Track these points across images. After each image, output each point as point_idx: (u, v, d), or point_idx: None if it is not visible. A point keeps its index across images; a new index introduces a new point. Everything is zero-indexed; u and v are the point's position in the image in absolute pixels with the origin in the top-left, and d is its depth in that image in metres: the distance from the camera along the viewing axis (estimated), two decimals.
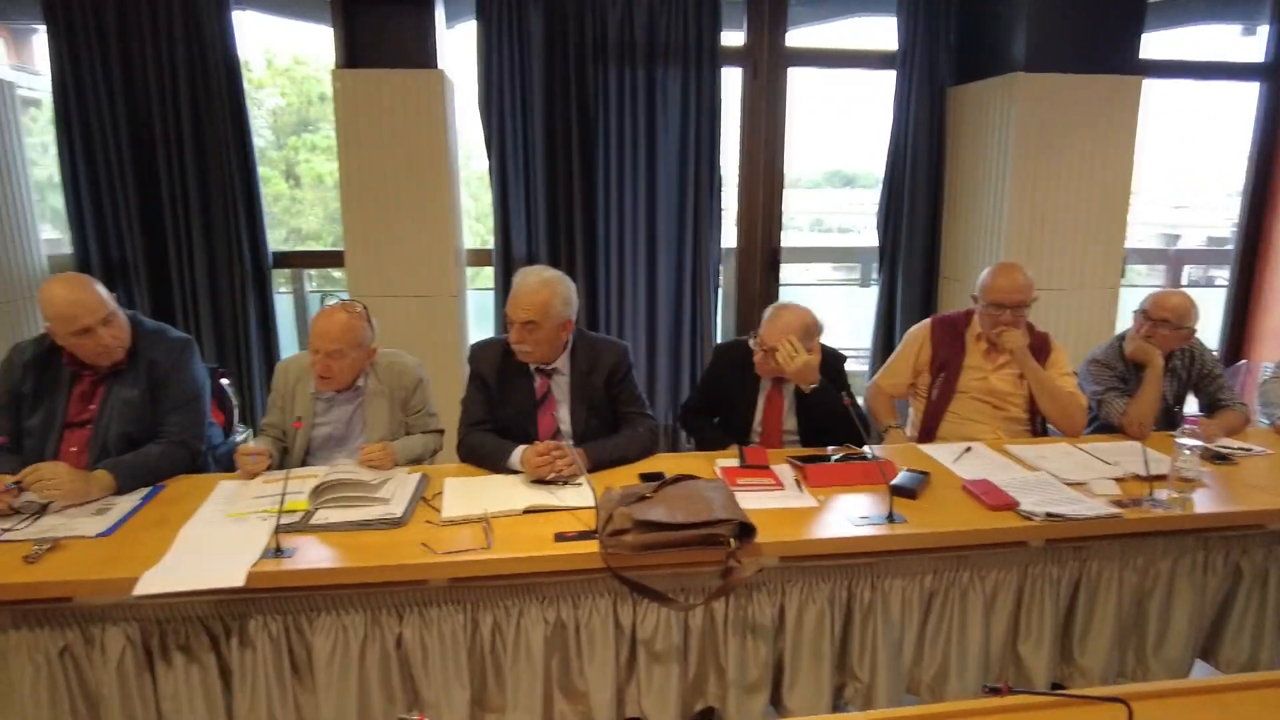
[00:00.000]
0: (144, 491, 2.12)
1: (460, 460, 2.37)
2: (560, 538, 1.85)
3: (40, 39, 3.68)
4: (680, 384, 4.11)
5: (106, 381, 2.25)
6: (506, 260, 3.90)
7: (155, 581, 1.66)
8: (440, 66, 3.57)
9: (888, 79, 4.04)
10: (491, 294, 4.05)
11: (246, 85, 3.65)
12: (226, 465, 2.47)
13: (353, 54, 3.52)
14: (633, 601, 1.85)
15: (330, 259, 4.18)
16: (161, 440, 2.23)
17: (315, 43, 4.38)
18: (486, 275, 4.17)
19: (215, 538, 1.84)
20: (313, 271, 4.41)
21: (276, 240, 4.68)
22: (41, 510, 1.96)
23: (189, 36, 3.53)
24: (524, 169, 3.83)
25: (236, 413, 2.83)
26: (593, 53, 3.75)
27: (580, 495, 2.07)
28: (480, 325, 4.16)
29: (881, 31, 4.12)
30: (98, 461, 2.15)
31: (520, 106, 3.76)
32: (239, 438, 2.76)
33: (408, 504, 2.00)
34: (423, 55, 3.52)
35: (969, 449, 2.50)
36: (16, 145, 3.56)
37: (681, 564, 1.81)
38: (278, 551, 1.76)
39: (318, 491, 1.98)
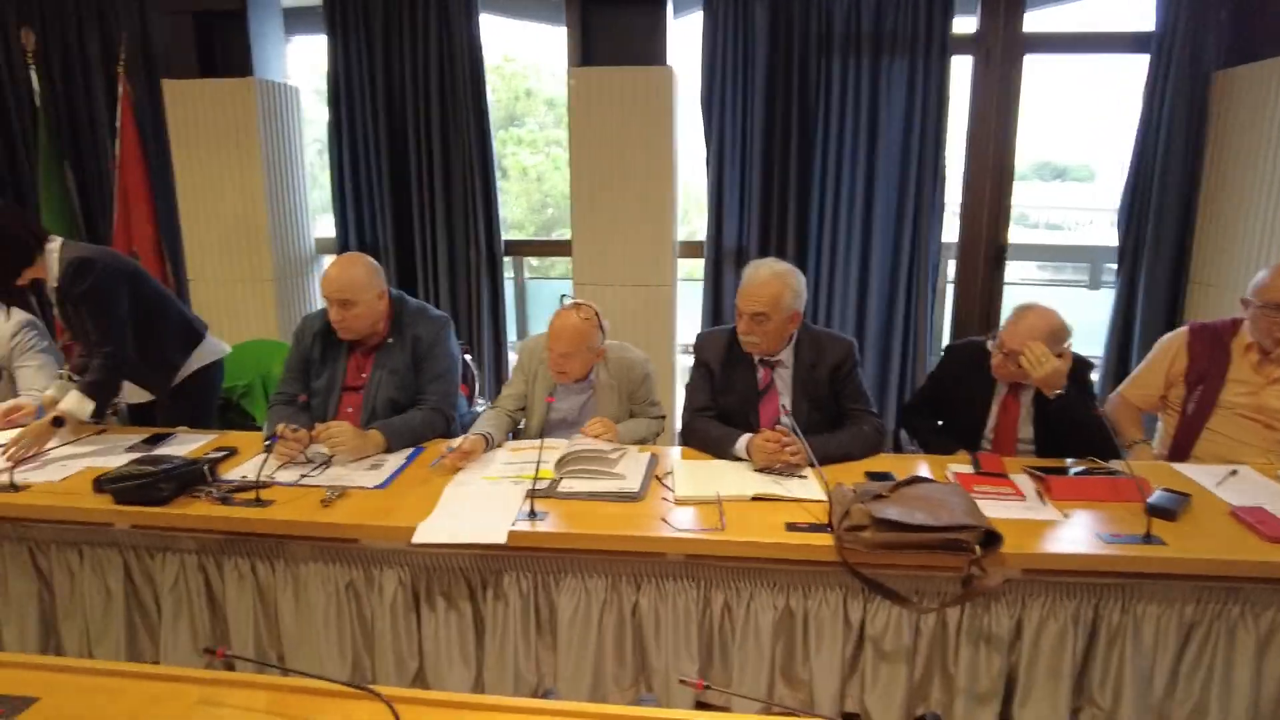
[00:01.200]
0: (408, 451, 2.36)
1: (684, 444, 2.45)
2: (791, 527, 1.88)
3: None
4: (888, 383, 4.00)
5: (376, 352, 2.53)
6: (717, 252, 3.96)
7: (428, 532, 1.85)
8: (669, 63, 3.68)
9: (1136, 64, 3.69)
10: (700, 285, 4.14)
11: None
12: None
13: (587, 52, 3.71)
14: (864, 597, 1.85)
15: (555, 248, 4.42)
16: (422, 407, 2.48)
17: (525, 42, 4.63)
18: (689, 266, 4.26)
19: (475, 498, 2.03)
20: (534, 260, 4.70)
21: None
22: (327, 462, 2.24)
23: (441, 39, 3.87)
24: (740, 161, 3.87)
25: (476, 386, 3.09)
26: (817, 43, 3.72)
27: (806, 488, 2.08)
28: (687, 316, 4.26)
29: (1130, 11, 3.78)
30: (368, 422, 2.43)
31: (741, 98, 3.80)
32: (478, 408, 3.00)
33: (642, 480, 2.10)
34: (652, 52, 3.64)
35: (1234, 472, 2.26)
36: (297, 142, 4.06)
37: (919, 566, 1.78)
38: (532, 514, 1.91)
39: (562, 462, 2.12)
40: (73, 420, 2.38)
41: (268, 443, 2.32)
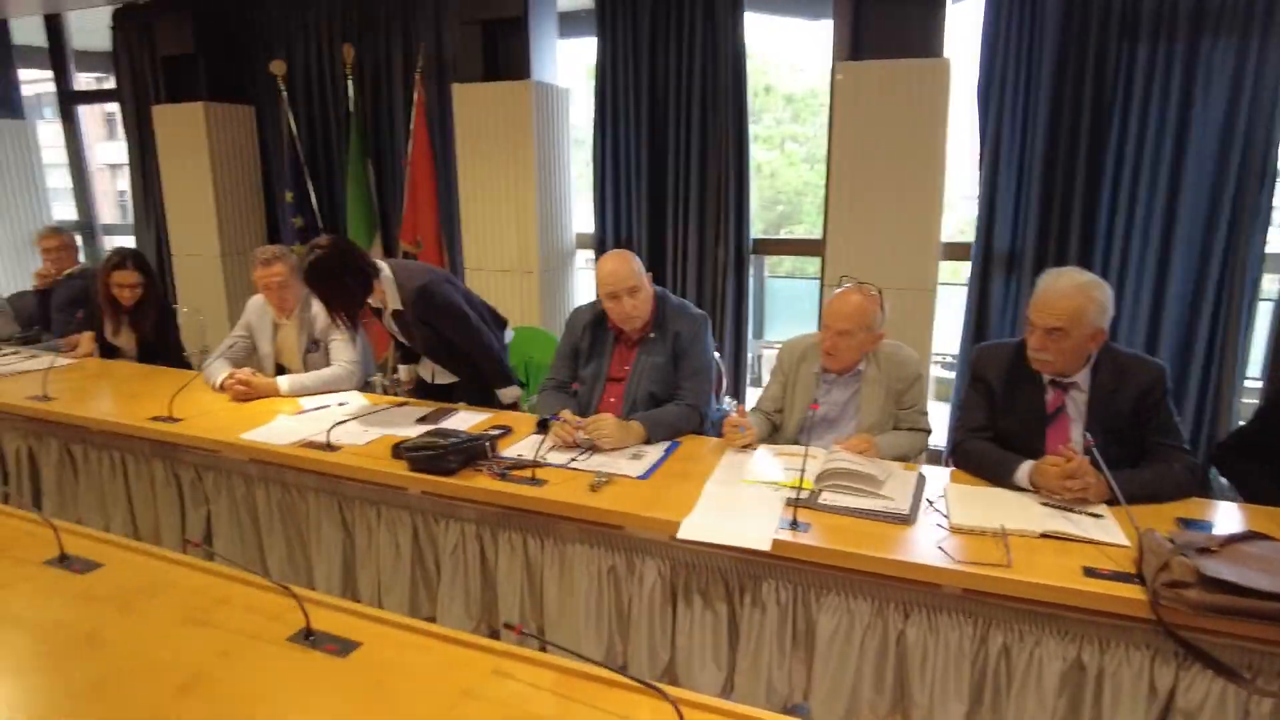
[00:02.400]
0: (665, 445, 2.40)
1: (955, 466, 2.28)
2: (1090, 573, 1.67)
3: None
4: (1184, 413, 3.49)
5: (639, 346, 2.60)
6: (986, 256, 3.67)
7: (693, 530, 1.86)
8: (947, 55, 3.45)
9: None
10: (957, 290, 3.86)
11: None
12: (716, 430, 2.71)
13: (855, 45, 3.57)
14: (1177, 663, 1.60)
15: (804, 246, 4.32)
16: (679, 402, 2.51)
17: (769, 37, 4.53)
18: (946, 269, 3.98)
19: (736, 500, 2.01)
20: (773, 258, 4.63)
21: None
22: (593, 448, 2.33)
23: (706, 39, 3.90)
24: (1019, 158, 3.55)
25: (724, 384, 3.09)
26: (1119, 27, 3.32)
27: (1104, 529, 1.84)
28: (944, 324, 3.98)
29: None
30: (629, 413, 2.50)
31: (1024, 90, 3.48)
32: (725, 406, 3.00)
33: (911, 501, 1.98)
34: (928, 43, 3.43)
35: None
36: (565, 141, 4.29)
37: (1257, 638, 1.52)
38: (794, 525, 1.86)
39: (823, 475, 2.05)
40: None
41: (541, 424, 2.46)
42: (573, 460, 2.25)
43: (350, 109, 4.71)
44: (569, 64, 4.61)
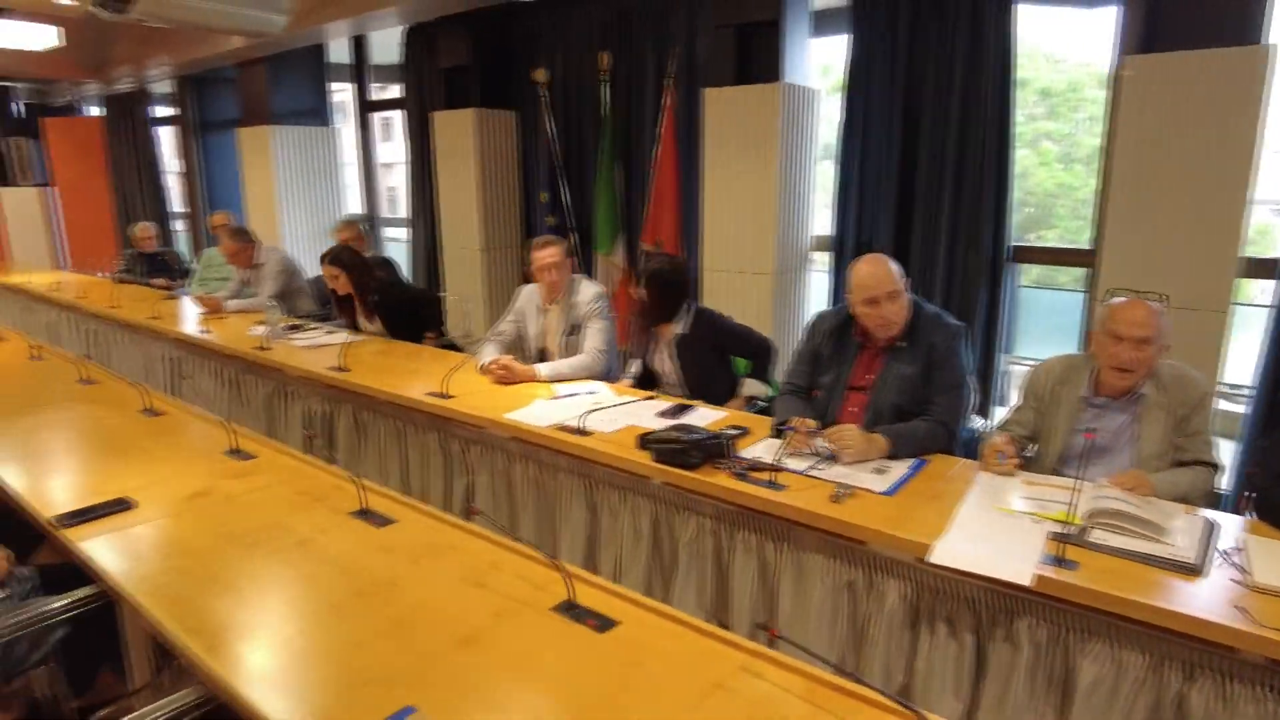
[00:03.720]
0: (911, 462, 2.31)
1: (1259, 517, 2.00)
2: None
3: None
4: None
5: (887, 355, 2.52)
6: None
7: (947, 554, 1.78)
8: (1271, 40, 3.00)
9: None
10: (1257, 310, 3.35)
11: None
12: (964, 450, 2.56)
13: (1150, 35, 3.21)
14: None
15: (1072, 256, 3.96)
16: (928, 418, 2.41)
17: (1027, 28, 4.13)
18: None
19: (991, 527, 1.90)
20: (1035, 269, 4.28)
21: None
22: (833, 457, 2.30)
23: (970, 34, 3.69)
24: None
25: (975, 402, 2.91)
26: None
27: None
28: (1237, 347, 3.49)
29: None
30: (871, 424, 2.43)
31: None
32: (974, 424, 2.83)
33: (1199, 550, 1.76)
34: (1242, 28, 3.01)
35: None
36: (811, 142, 4.25)
37: None
38: (1059, 561, 1.72)
39: (1095, 513, 1.88)
40: None
41: (778, 428, 2.47)
42: (812, 468, 2.24)
43: (604, 113, 4.97)
44: (818, 63, 4.55)
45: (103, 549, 1.86)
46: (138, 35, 7.34)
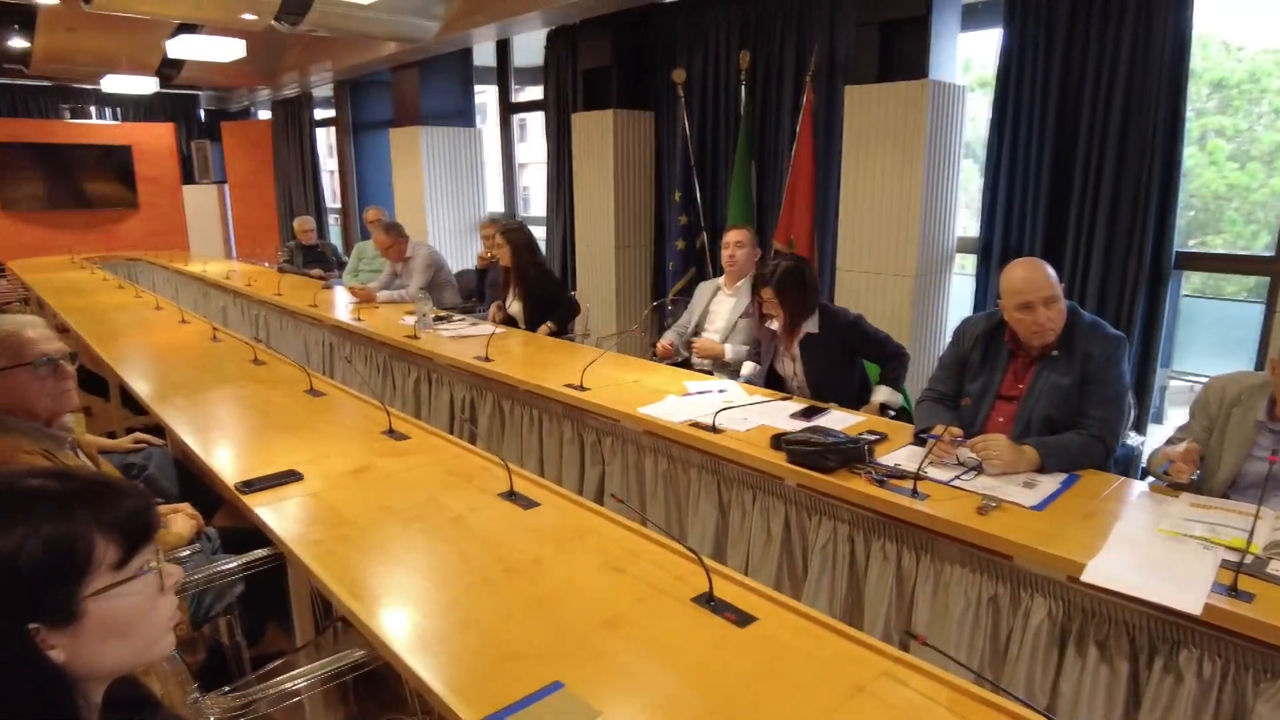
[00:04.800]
0: (1061, 476, 2.20)
1: None
2: None
3: None
4: None
5: (1040, 364, 2.40)
6: None
7: (1102, 574, 1.69)
8: None
9: None
10: None
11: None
12: (1123, 467, 2.42)
13: None
14: None
15: (1249, 263, 3.65)
16: (1082, 432, 2.29)
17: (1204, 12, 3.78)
18: None
19: (1154, 550, 1.79)
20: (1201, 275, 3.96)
21: None
22: (978, 468, 2.22)
23: (1138, 26, 3.46)
24: None
25: (1132, 416, 2.74)
26: None
27: None
28: None
29: None
30: (1020, 436, 2.33)
31: None
32: (1130, 440, 2.67)
33: None
34: None
35: None
36: (957, 141, 4.10)
37: None
38: (1233, 591, 1.60)
39: (1276, 544, 1.73)
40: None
41: (920, 435, 2.41)
42: (956, 478, 2.17)
43: (741, 112, 4.97)
44: (965, 59, 4.38)
45: (276, 515, 2.04)
46: (305, 44, 7.93)
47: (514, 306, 4.49)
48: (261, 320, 5.95)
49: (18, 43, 7.16)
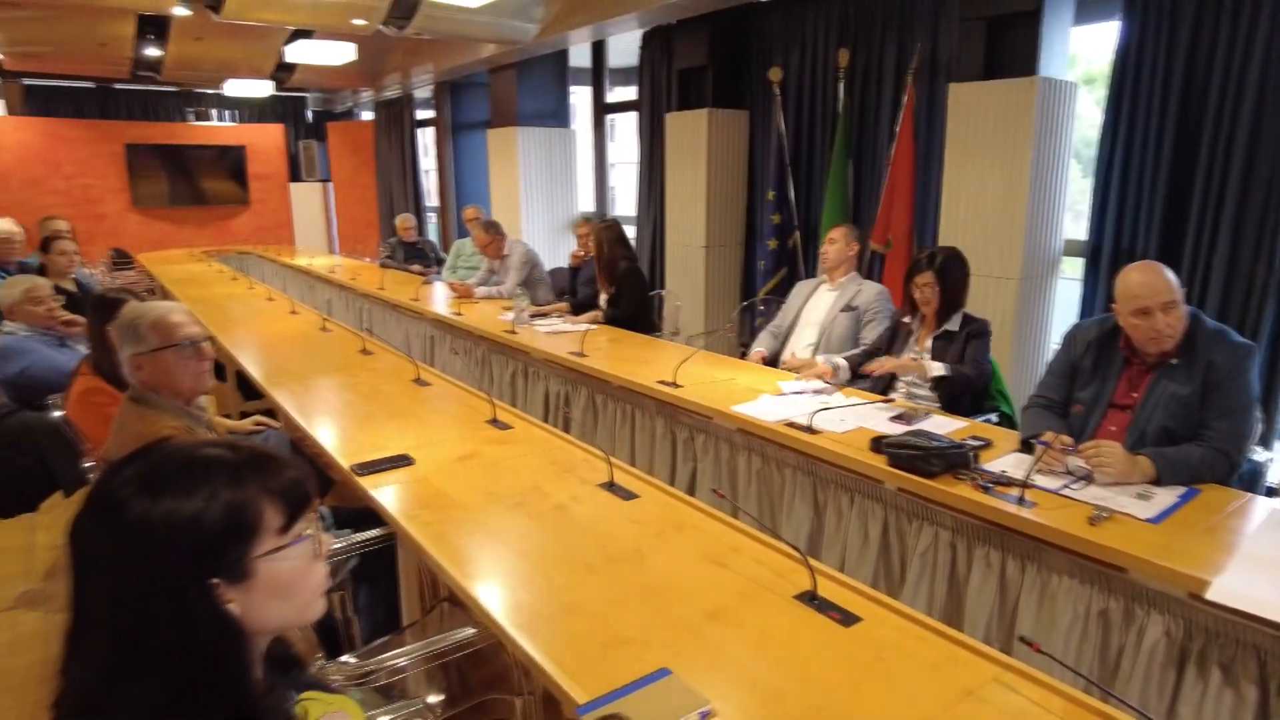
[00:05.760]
0: (1180, 490, 2.10)
1: None
2: None
3: None
4: None
5: (1156, 372, 2.30)
6: None
7: (1230, 593, 1.62)
8: None
9: None
10: None
11: None
12: (1247, 483, 2.30)
13: None
14: None
15: None
16: (1203, 444, 2.18)
17: None
18: None
19: None
20: None
21: None
22: (1088, 478, 2.15)
23: (1275, 10, 3.26)
24: None
25: (1258, 431, 2.59)
26: None
27: None
28: None
29: None
30: (1134, 446, 2.24)
31: None
32: (1256, 457, 2.52)
33: None
34: None
35: None
36: (1066, 140, 3.95)
37: None
38: None
39: None
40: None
41: (1026, 442, 2.34)
42: (1065, 487, 2.10)
43: (838, 111, 4.91)
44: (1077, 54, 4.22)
45: (389, 496, 2.14)
46: (408, 48, 8.24)
47: (603, 300, 4.56)
48: (365, 313, 6.21)
49: (152, 51, 7.69)
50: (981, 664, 1.39)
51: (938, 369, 2.98)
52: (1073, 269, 4.25)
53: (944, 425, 2.64)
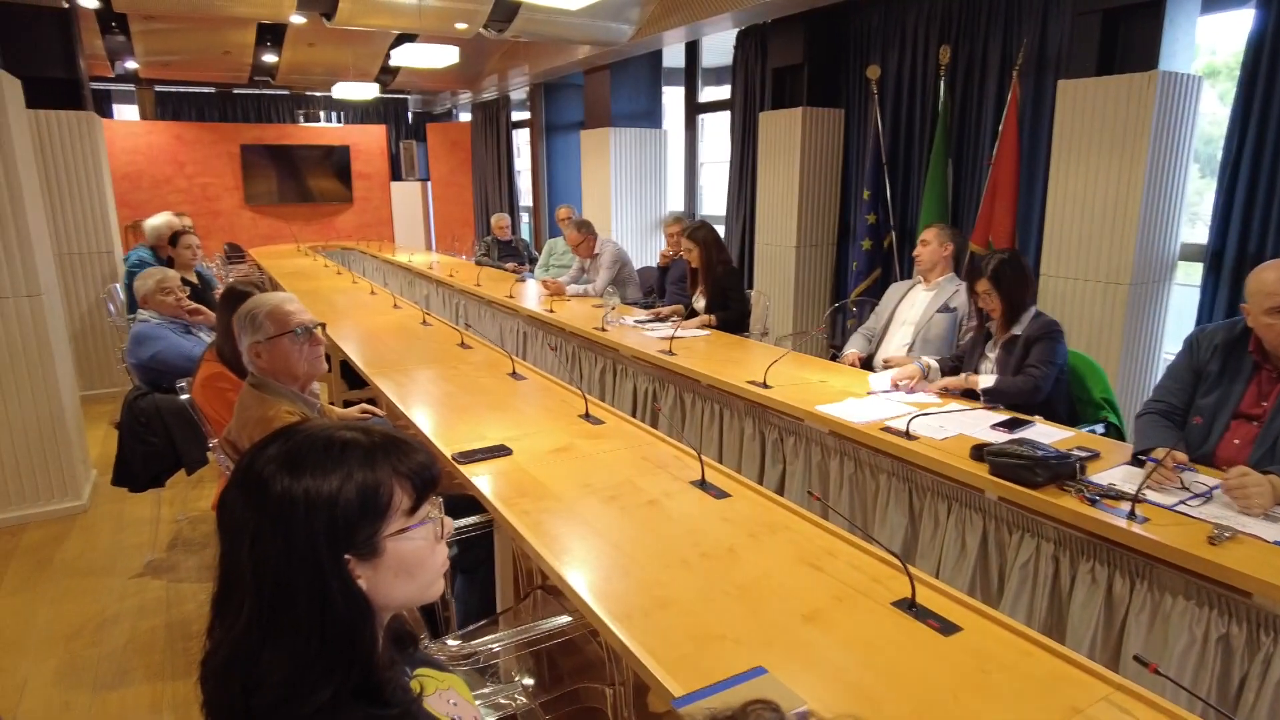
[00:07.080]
0: None
1: None
2: None
3: None
4: None
5: None
6: None
7: None
8: None
9: None
10: None
11: None
12: None
13: None
14: None
15: None
16: None
17: None
18: None
19: None
20: None
21: None
22: (1209, 495, 2.03)
23: None
24: None
25: None
26: None
27: None
28: None
29: None
30: (1260, 461, 2.11)
31: None
32: None
33: None
34: None
35: None
36: (1188, 138, 3.74)
37: None
38: None
39: None
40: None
41: (1138, 456, 2.24)
42: (1181, 503, 2.00)
43: (938, 109, 4.78)
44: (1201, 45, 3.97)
45: (489, 484, 2.21)
46: (505, 50, 8.44)
47: (699, 303, 4.58)
48: (461, 308, 6.40)
49: (269, 57, 8.12)
50: (1091, 682, 1.35)
51: (985, 382, 2.89)
52: (1186, 275, 4.03)
53: (1048, 435, 2.54)
